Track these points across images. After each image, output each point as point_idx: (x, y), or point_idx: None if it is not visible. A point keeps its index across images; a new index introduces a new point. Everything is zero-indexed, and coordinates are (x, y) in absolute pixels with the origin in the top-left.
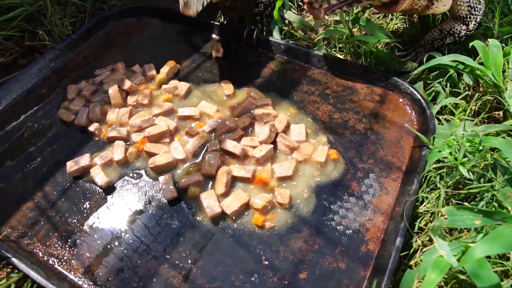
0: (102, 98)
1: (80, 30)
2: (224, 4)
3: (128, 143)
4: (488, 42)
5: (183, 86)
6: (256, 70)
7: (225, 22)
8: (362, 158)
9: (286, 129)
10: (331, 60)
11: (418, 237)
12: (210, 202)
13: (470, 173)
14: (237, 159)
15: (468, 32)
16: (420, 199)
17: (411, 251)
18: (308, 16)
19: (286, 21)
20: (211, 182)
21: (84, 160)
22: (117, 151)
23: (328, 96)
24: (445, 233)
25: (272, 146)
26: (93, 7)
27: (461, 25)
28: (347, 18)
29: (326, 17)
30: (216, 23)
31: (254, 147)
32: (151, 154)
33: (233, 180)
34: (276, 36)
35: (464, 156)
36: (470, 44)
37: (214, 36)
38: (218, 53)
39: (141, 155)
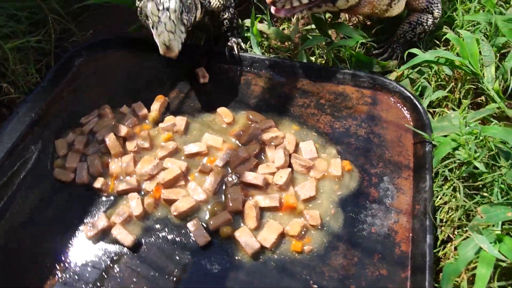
0: (98, 149)
1: (48, 76)
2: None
3: (142, 193)
4: (461, 34)
5: (181, 121)
6: (247, 90)
7: (202, 44)
8: (372, 163)
9: (296, 148)
10: (317, 70)
11: (441, 229)
12: (247, 239)
13: (482, 164)
14: (259, 189)
15: (435, 20)
16: (436, 193)
17: (438, 243)
18: (281, 25)
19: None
20: (239, 218)
21: (101, 221)
22: (133, 205)
23: (324, 106)
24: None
25: (290, 169)
26: (56, 48)
27: (427, 14)
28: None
29: (300, 26)
30: (194, 46)
31: (272, 174)
32: (170, 201)
33: (261, 211)
34: (257, 52)
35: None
36: (444, 37)
37: (194, 60)
38: (204, 79)
39: (159, 203)
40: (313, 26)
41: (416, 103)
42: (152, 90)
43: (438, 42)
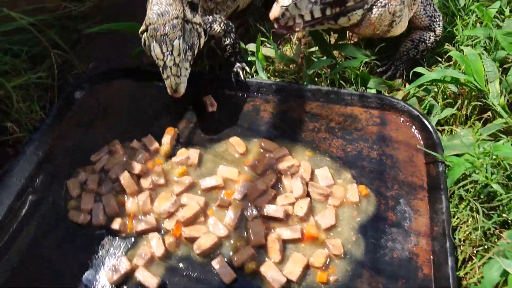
0: (112, 188)
1: (52, 111)
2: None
3: (162, 232)
4: (464, 52)
5: (194, 154)
6: (256, 117)
7: (207, 71)
8: (387, 186)
9: (312, 175)
10: (325, 92)
11: (461, 249)
12: (272, 274)
13: (499, 185)
14: (279, 221)
15: (437, 38)
16: (452, 213)
17: (459, 263)
18: (283, 46)
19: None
20: (262, 251)
21: (123, 265)
22: (155, 245)
23: (334, 130)
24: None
25: (309, 199)
26: (58, 80)
27: (429, 32)
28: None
29: (302, 47)
30: (199, 73)
31: (291, 204)
32: (192, 239)
33: (283, 243)
34: (263, 77)
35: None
36: (447, 54)
37: (200, 88)
38: (212, 107)
39: (180, 241)
40: (316, 47)
41: (425, 122)
42: (160, 120)
43: (439, 59)
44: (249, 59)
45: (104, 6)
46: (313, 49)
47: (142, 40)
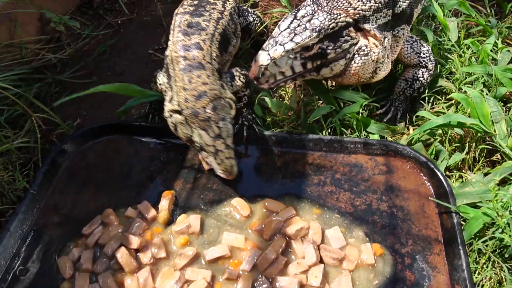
0: (109, 265)
1: (37, 180)
2: None
3: None
4: (468, 94)
5: (195, 221)
6: (258, 173)
7: None
8: (402, 242)
9: (323, 236)
10: (327, 141)
11: None
12: None
13: None
14: None
15: (431, 72)
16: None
17: None
18: (278, 92)
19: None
20: None
21: None
22: None
23: (340, 182)
24: None
25: (323, 265)
26: (41, 144)
27: (421, 68)
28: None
29: (298, 92)
30: None
31: (304, 272)
32: None
33: None
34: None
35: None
36: (452, 95)
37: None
38: (209, 165)
39: None
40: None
41: (434, 168)
42: (154, 182)
43: (439, 97)
44: None
45: (85, 53)
46: (313, 98)
47: (171, 123)
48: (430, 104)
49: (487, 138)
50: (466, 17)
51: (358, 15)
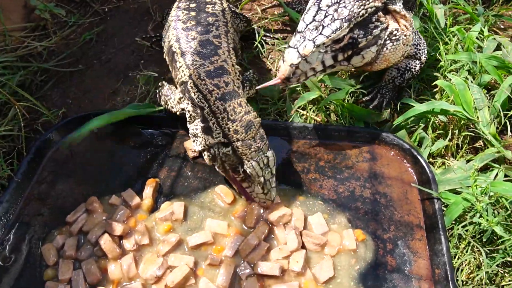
0: (92, 252)
1: (21, 168)
2: None
3: None
4: (452, 81)
5: (179, 208)
6: None
7: None
8: (384, 227)
9: (305, 223)
10: (312, 129)
11: None
12: None
13: (500, 227)
14: (275, 278)
15: (422, 65)
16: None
17: None
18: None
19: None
20: None
21: None
22: None
23: (324, 169)
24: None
25: (304, 251)
26: (25, 128)
27: (415, 60)
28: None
29: None
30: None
31: (286, 257)
32: None
33: None
34: None
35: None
36: (436, 82)
37: (177, 132)
38: (194, 153)
39: None
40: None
41: (417, 155)
42: (139, 170)
43: (425, 85)
44: None
45: (71, 41)
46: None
47: (208, 155)
48: (415, 92)
49: (471, 125)
50: (454, 5)
51: None
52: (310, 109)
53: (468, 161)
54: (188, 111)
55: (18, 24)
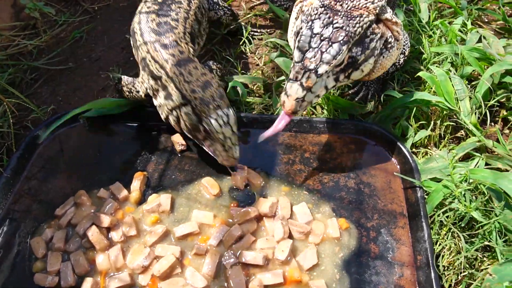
0: (81, 244)
1: (11, 163)
2: None
3: None
4: (433, 72)
5: (166, 200)
6: None
7: None
8: (368, 216)
9: (291, 212)
10: (297, 122)
11: (446, 277)
12: None
13: (478, 212)
14: (260, 267)
15: (405, 58)
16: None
17: None
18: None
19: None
20: None
21: None
22: None
23: (309, 161)
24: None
25: (291, 241)
26: (14, 125)
27: (399, 55)
28: None
29: (270, 72)
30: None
31: (272, 248)
32: None
33: None
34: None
35: (469, 199)
36: (417, 74)
37: (164, 126)
38: (182, 146)
39: None
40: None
41: (400, 146)
42: (127, 164)
43: (408, 77)
44: None
45: (61, 39)
46: (283, 78)
47: (173, 118)
48: (399, 84)
49: (453, 116)
50: None
51: (378, 8)
52: None
53: (450, 150)
54: (151, 86)
55: (8, 23)
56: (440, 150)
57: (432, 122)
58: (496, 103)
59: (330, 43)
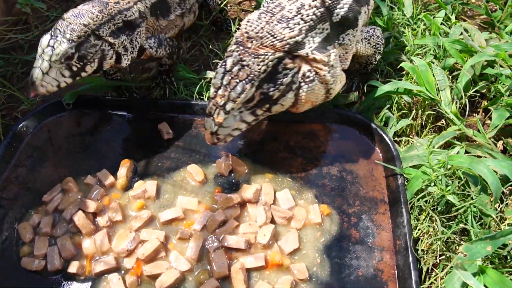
0: (67, 229)
1: None
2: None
3: (122, 271)
4: (415, 62)
5: (151, 186)
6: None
7: (160, 98)
8: (349, 202)
9: (274, 198)
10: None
11: (424, 260)
12: None
13: (454, 196)
14: (242, 251)
15: (381, 54)
16: (413, 224)
17: (423, 274)
18: None
19: None
20: (227, 282)
21: None
22: (115, 287)
23: (294, 149)
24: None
25: (273, 226)
26: (4, 117)
27: (374, 55)
28: None
29: None
30: (152, 100)
31: (254, 233)
32: (154, 276)
33: (247, 272)
34: None
35: (446, 184)
36: (400, 65)
37: (154, 115)
38: (168, 135)
39: (142, 280)
40: None
41: (383, 134)
42: (114, 152)
43: (392, 69)
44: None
45: None
46: None
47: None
48: (383, 75)
49: (435, 106)
50: None
51: (288, 45)
52: None
53: (431, 140)
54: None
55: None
56: (421, 139)
57: (413, 112)
58: (478, 94)
59: (236, 81)
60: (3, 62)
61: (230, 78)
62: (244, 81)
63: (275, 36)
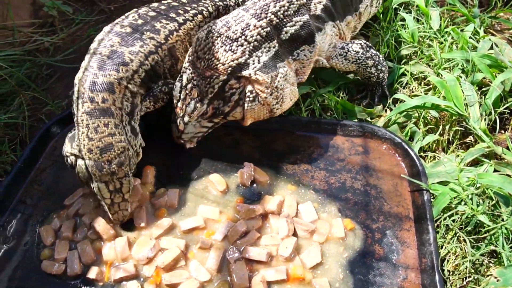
0: (87, 234)
1: (24, 154)
2: None
3: (141, 279)
4: (443, 76)
5: (173, 195)
6: (236, 150)
7: None
8: (373, 218)
9: (296, 210)
10: (306, 123)
11: (451, 282)
12: None
13: (485, 216)
14: (263, 263)
15: (382, 61)
16: (439, 243)
17: None
18: None
19: None
20: None
21: None
22: None
23: (316, 161)
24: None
25: (295, 238)
26: (29, 118)
27: (367, 68)
28: None
29: None
30: None
31: (276, 245)
32: (173, 286)
33: (268, 285)
34: None
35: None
36: (429, 79)
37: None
38: (190, 144)
39: None
40: None
41: (408, 149)
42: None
43: (417, 82)
44: None
45: (77, 37)
46: None
47: (70, 160)
48: (409, 89)
49: (462, 122)
50: (451, 7)
51: (230, 68)
52: (304, 104)
53: (458, 155)
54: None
55: (26, 20)
56: (448, 155)
57: (440, 127)
58: (507, 111)
59: (190, 99)
60: (29, 64)
61: (185, 93)
62: (195, 99)
63: (218, 59)
